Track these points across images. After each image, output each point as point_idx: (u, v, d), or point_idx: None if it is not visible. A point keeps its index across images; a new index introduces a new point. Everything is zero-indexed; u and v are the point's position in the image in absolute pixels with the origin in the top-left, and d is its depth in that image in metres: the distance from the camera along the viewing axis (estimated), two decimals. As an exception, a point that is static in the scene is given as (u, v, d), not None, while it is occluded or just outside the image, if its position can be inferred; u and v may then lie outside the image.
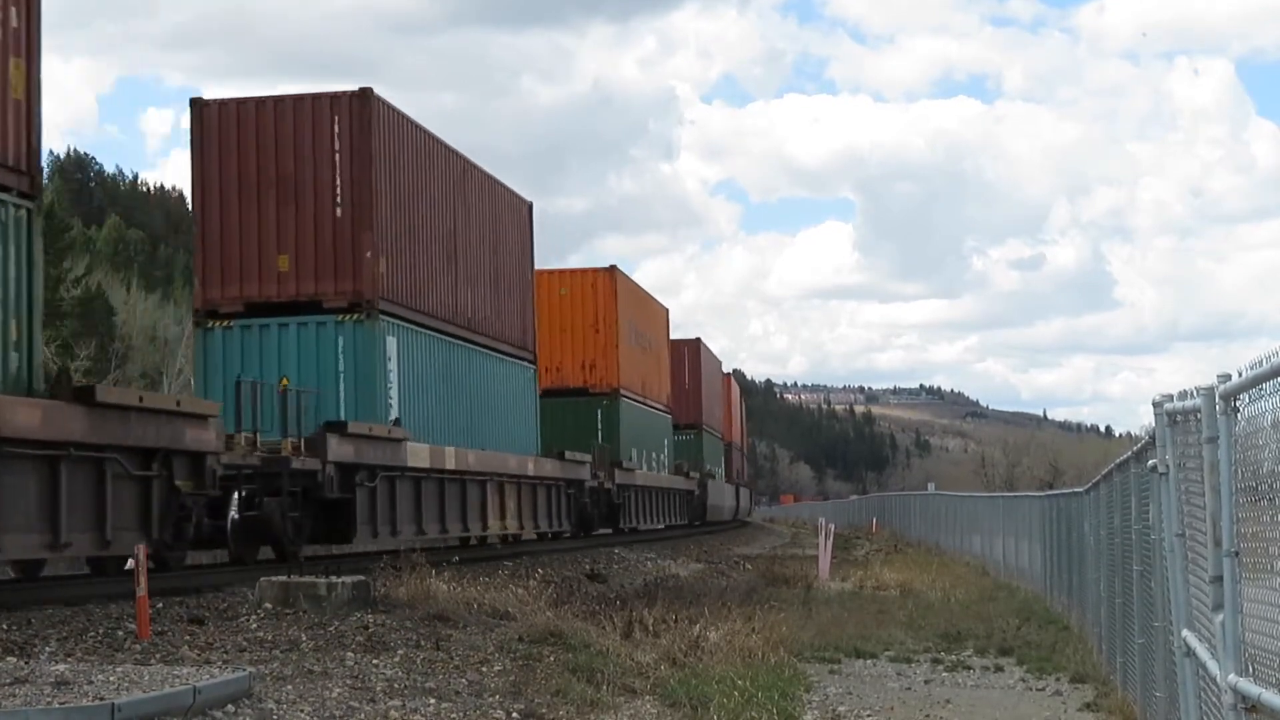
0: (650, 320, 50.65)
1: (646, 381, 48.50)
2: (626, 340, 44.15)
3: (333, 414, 24.26)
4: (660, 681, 13.62)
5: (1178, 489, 8.04)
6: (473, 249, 31.75)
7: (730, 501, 72.42)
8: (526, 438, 34.28)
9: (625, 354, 43.82)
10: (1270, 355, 5.43)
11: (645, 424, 47.68)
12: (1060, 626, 20.01)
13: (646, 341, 48.81)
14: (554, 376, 41.42)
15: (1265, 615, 5.72)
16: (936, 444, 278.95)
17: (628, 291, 46.12)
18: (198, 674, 10.76)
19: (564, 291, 42.69)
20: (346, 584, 16.32)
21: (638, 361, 46.71)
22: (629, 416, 44.16)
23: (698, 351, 63.11)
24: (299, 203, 25.61)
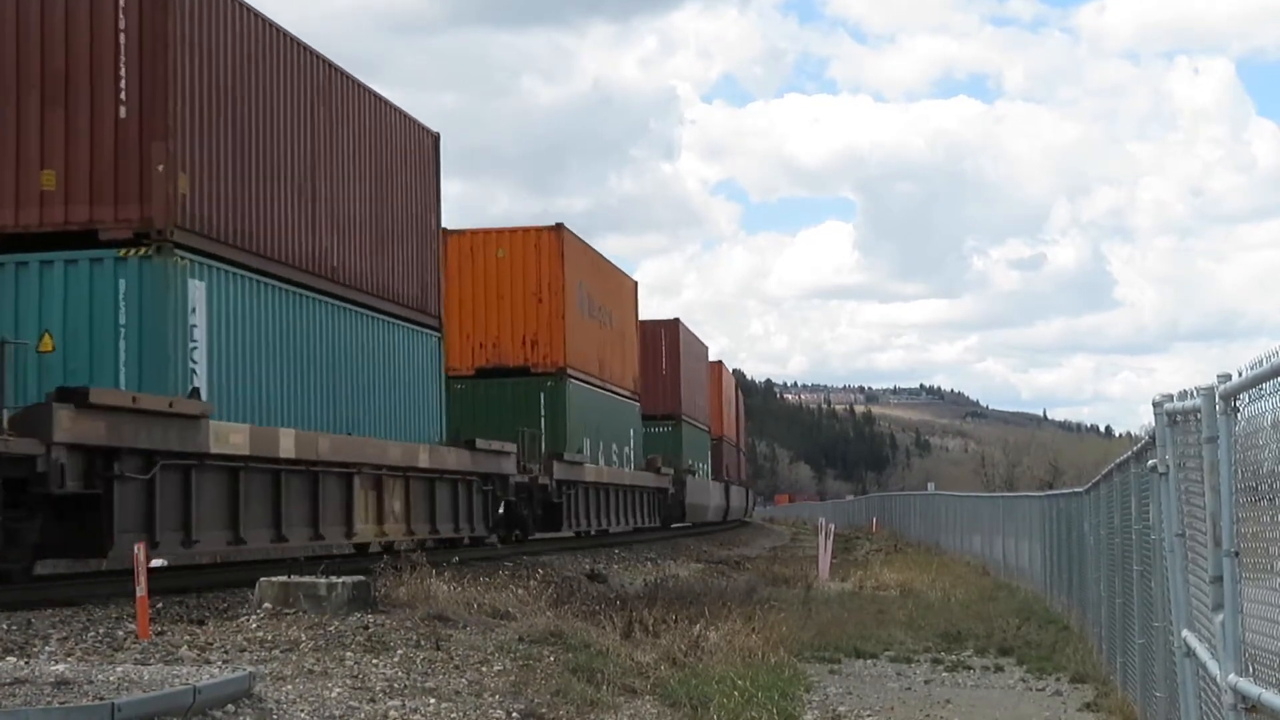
0: (612, 292, 43.71)
1: (605, 362, 41.73)
2: (577, 312, 37.96)
3: (110, 381, 18.46)
4: (660, 681, 13.62)
5: (1178, 489, 8.04)
6: (343, 182, 24.43)
7: (717, 501, 65.12)
8: (424, 423, 27.47)
9: (575, 328, 37.60)
10: (1270, 355, 5.43)
11: (602, 411, 40.99)
12: (1060, 626, 20.02)
13: (606, 316, 42.07)
14: (490, 353, 36.07)
15: (1265, 615, 5.72)
16: (936, 444, 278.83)
17: (579, 255, 39.14)
18: (197, 674, 10.76)
19: (502, 253, 36.41)
20: (346, 584, 16.32)
21: (592, 338, 40.08)
22: (579, 401, 37.69)
23: (676, 334, 56.11)
24: (70, 102, 19.27)
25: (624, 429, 44.44)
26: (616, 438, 42.88)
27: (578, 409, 37.44)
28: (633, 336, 47.20)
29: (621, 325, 44.85)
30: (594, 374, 39.81)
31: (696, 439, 59.64)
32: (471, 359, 35.80)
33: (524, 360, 36.21)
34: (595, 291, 40.65)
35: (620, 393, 43.92)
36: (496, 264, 36.42)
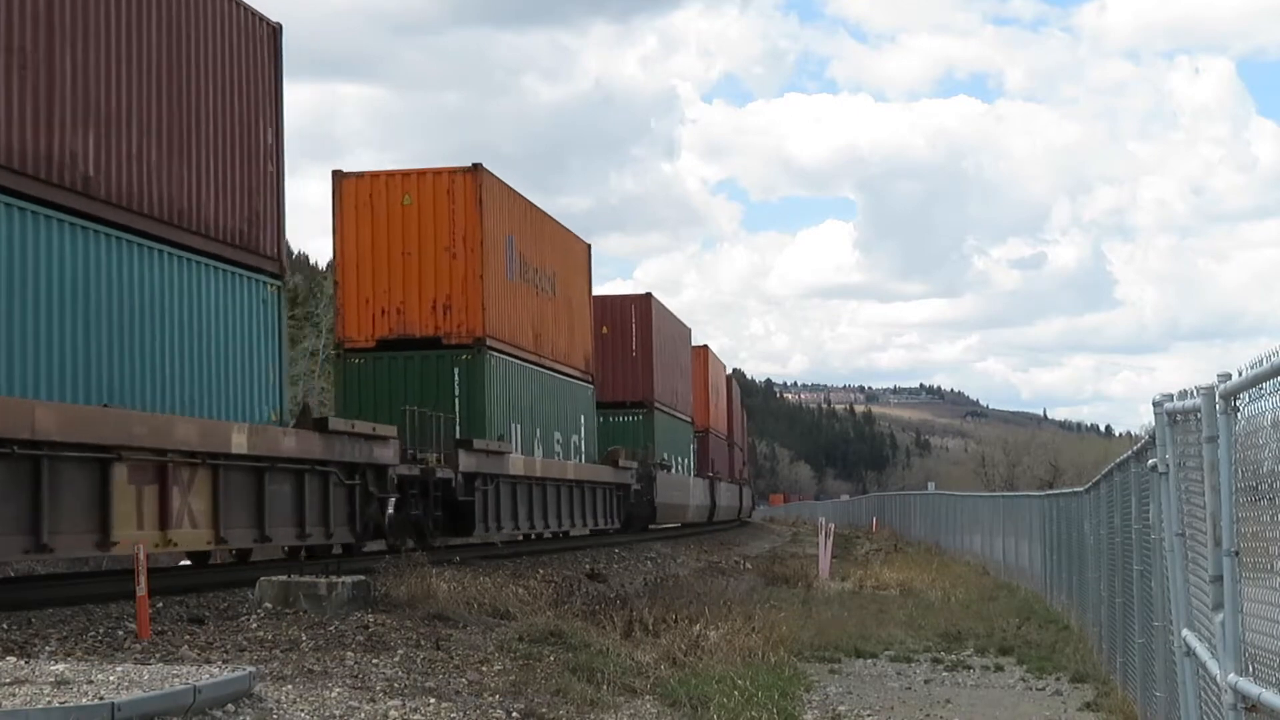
0: (555, 254, 36.70)
1: (545, 336, 35.07)
2: (503, 273, 31.58)
3: None
4: (660, 681, 13.62)
5: (1178, 488, 8.04)
6: (107, 63, 17.84)
7: (702, 500, 58.16)
8: (250, 396, 20.87)
9: (500, 292, 31.19)
10: (1270, 355, 5.43)
11: (539, 393, 34.34)
12: (1060, 626, 20.02)
13: (545, 282, 35.27)
14: (394, 322, 30.03)
15: (1265, 615, 5.72)
16: (936, 443, 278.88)
17: (506, 204, 32.25)
18: (198, 673, 10.75)
19: (408, 201, 30.20)
20: (346, 584, 16.31)
21: (525, 306, 33.39)
22: (504, 379, 31.39)
23: (649, 311, 48.88)
24: None
25: (571, 415, 37.36)
26: (560, 425, 36.11)
27: (502, 388, 31.09)
28: (584, 308, 39.96)
29: (569, 294, 37.81)
30: (526, 348, 33.21)
31: (674, 430, 53.15)
32: (371, 328, 29.96)
33: (434, 329, 29.93)
34: (531, 251, 34.02)
35: (566, 373, 37.01)
36: (402, 214, 30.21)
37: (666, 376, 51.71)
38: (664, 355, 51.12)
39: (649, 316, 49.00)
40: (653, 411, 48.53)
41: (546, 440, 34.67)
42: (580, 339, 39.22)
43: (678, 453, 53.74)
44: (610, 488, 40.26)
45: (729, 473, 72.63)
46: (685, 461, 55.68)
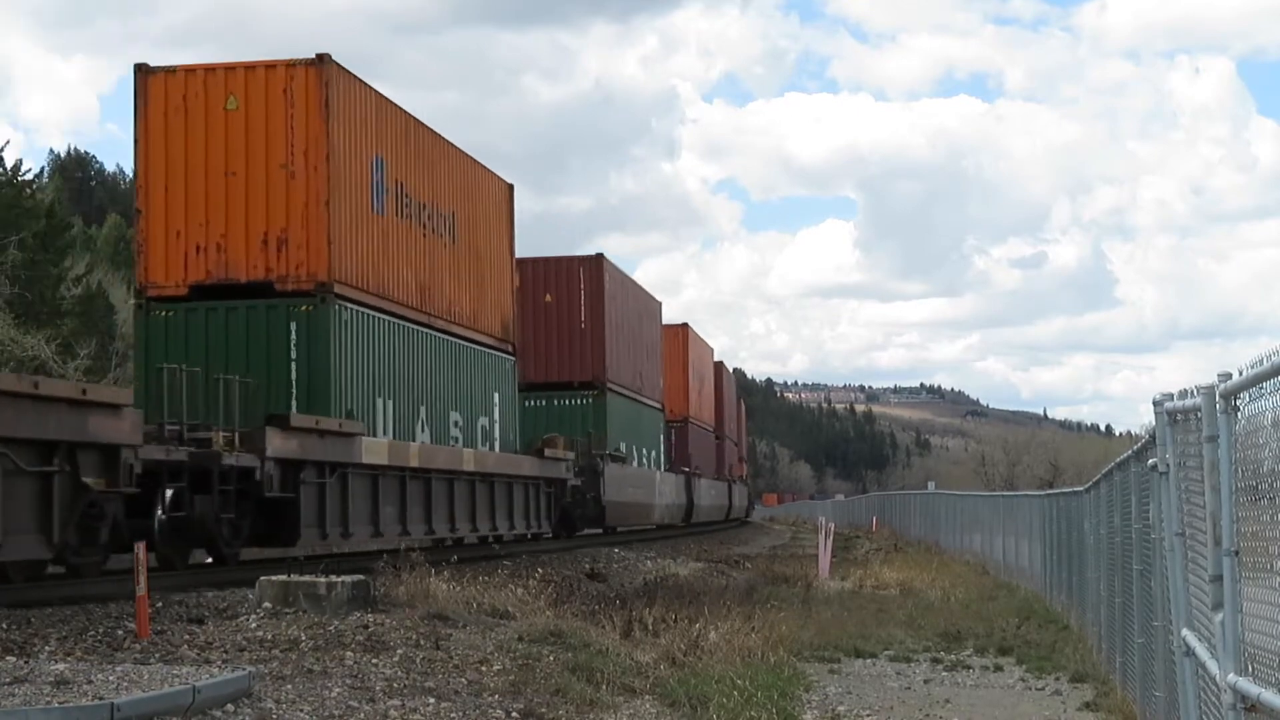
0: (454, 188, 29.01)
1: (434, 289, 27.49)
2: (364, 200, 24.44)
3: None
4: (660, 681, 13.62)
5: (1178, 488, 8.03)
6: None
7: (674, 498, 51.19)
8: None
9: (357, 225, 24.11)
10: (1270, 354, 5.42)
11: (427, 361, 27.04)
12: (1060, 626, 20.02)
13: (438, 222, 27.95)
14: (213, 262, 23.28)
15: (1265, 615, 5.72)
16: (937, 443, 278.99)
17: (369, 113, 25.03)
18: (197, 673, 10.75)
19: (233, 104, 23.36)
20: (346, 583, 16.31)
21: (401, 248, 25.96)
22: (362, 337, 24.24)
23: (600, 276, 41.33)
24: None
25: (479, 393, 30.00)
26: (462, 405, 28.83)
27: (359, 350, 24.05)
28: (503, 263, 32.33)
29: (477, 242, 30.32)
30: (405, 303, 26.05)
31: (636, 418, 46.07)
32: (184, 271, 23.29)
33: (264, 272, 23.24)
34: (419, 182, 26.95)
35: (473, 339, 29.73)
36: (225, 121, 23.34)
37: (626, 354, 44.42)
38: (622, 330, 43.93)
39: (600, 283, 41.25)
40: (605, 394, 40.87)
41: (438, 422, 27.39)
42: (496, 300, 31.31)
43: (642, 444, 46.87)
44: (534, 483, 32.40)
45: (716, 469, 66.55)
46: (652, 454, 48.70)
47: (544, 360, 40.22)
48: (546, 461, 33.50)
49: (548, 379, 40.25)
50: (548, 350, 40.69)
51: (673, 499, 51.29)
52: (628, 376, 44.85)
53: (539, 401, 38.93)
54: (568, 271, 41.70)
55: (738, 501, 74.04)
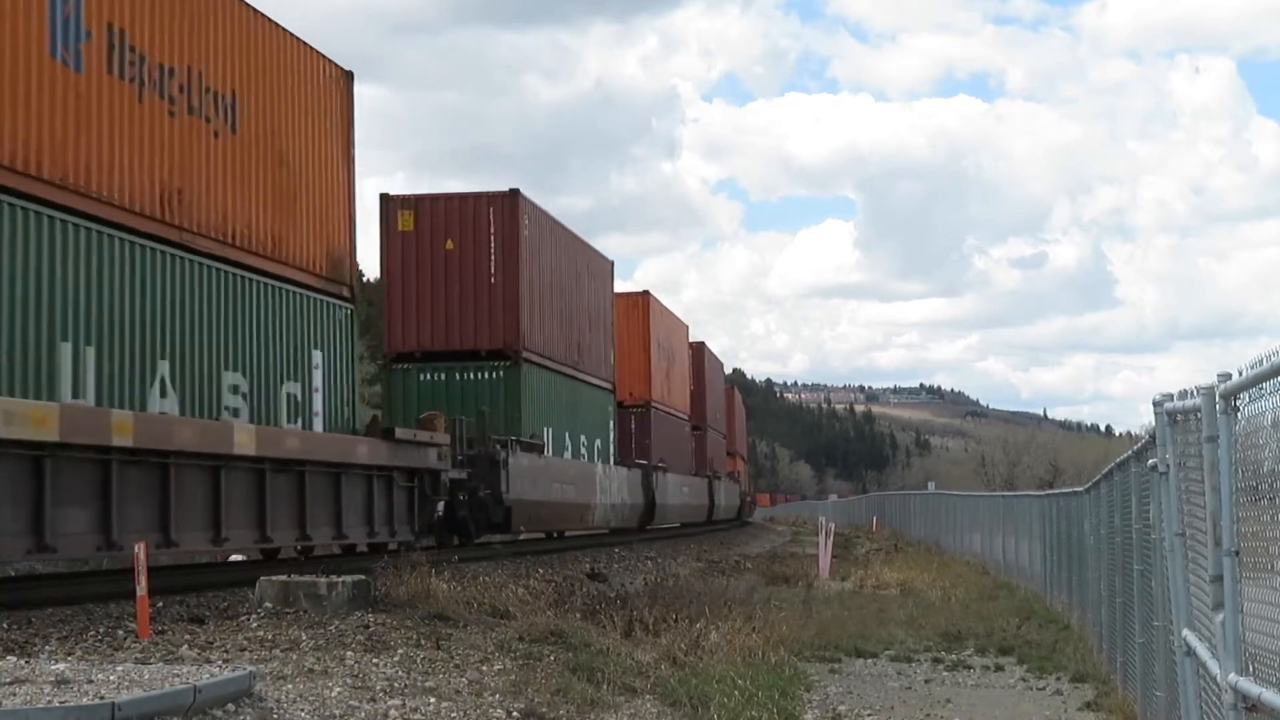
0: (232, 54, 21.28)
1: (186, 192, 19.72)
2: (16, 32, 16.34)
3: None
4: (660, 681, 13.62)
5: (1178, 488, 8.04)
6: None
7: (627, 497, 42.50)
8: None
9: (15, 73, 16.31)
10: (1270, 354, 5.43)
11: (153, 290, 18.97)
12: (1060, 626, 20.02)
13: (190, 92, 20.01)
14: None
15: (1265, 614, 5.72)
16: (936, 443, 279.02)
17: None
18: (198, 673, 10.75)
19: None
20: (347, 583, 16.33)
21: (105, 114, 18.03)
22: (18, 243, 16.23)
23: (513, 219, 32.73)
24: None
25: (287, 349, 22.37)
26: (249, 363, 21.29)
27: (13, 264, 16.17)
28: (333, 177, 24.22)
29: (286, 144, 22.68)
30: (128, 206, 18.42)
31: (571, 399, 37.75)
32: None
33: None
34: (159, 37, 19.33)
35: (278, 276, 22.26)
36: None
37: (554, 319, 36.18)
38: (549, 288, 35.63)
39: (514, 226, 32.85)
40: (519, 365, 32.73)
41: (197, 386, 19.88)
42: (319, 225, 23.62)
43: (580, 430, 38.63)
44: (382, 476, 24.14)
45: (694, 463, 57.88)
46: (596, 443, 40.50)
47: (443, 323, 32.58)
48: (401, 447, 24.61)
49: (448, 346, 32.50)
50: (448, 310, 32.62)
51: (623, 498, 42.00)
52: (557, 346, 36.29)
53: (436, 375, 32.48)
54: (473, 212, 33.00)
55: (724, 501, 64.68)
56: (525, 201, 33.65)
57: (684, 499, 52.56)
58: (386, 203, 33.13)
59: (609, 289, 43.50)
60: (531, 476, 32.03)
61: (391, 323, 33.02)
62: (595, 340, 40.88)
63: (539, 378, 34.46)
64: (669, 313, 54.73)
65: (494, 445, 30.02)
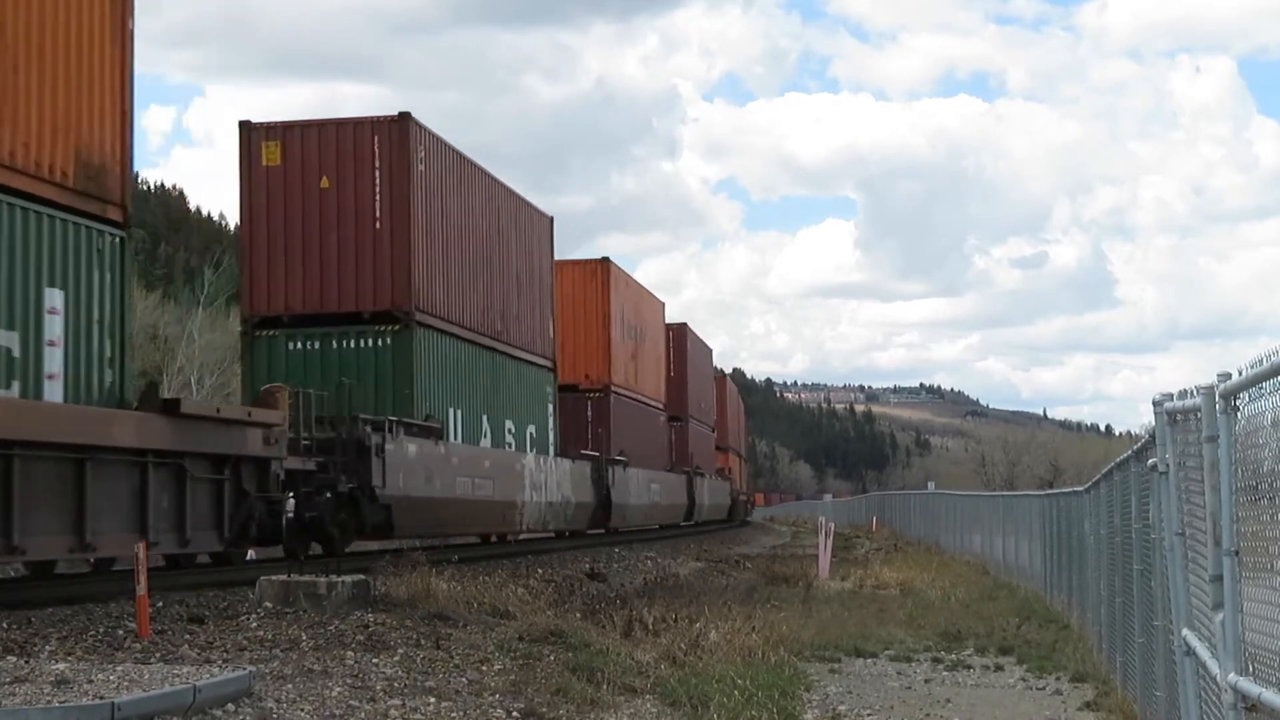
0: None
1: None
2: None
3: None
4: (660, 680, 13.62)
5: (1178, 488, 8.03)
6: None
7: (569, 495, 36.17)
8: None
9: None
10: (1270, 354, 5.42)
11: None
12: (1060, 626, 20.02)
13: None
14: None
15: (1265, 614, 5.72)
16: (937, 443, 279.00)
17: None
18: (198, 673, 10.75)
19: None
20: (346, 583, 16.33)
21: None
22: None
23: (403, 147, 26.87)
24: None
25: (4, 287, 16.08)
26: None
27: None
28: (94, 48, 17.91)
29: None
30: None
31: (493, 375, 31.49)
32: None
33: None
34: None
35: None
36: None
37: (464, 277, 29.65)
38: (456, 239, 29.33)
39: (406, 160, 26.73)
40: (411, 330, 26.59)
41: None
42: (72, 118, 17.55)
43: (508, 415, 32.33)
44: (169, 464, 18.50)
45: (672, 459, 52.17)
46: (530, 430, 34.06)
47: (316, 279, 26.63)
48: (195, 426, 18.88)
49: (322, 308, 26.61)
50: (323, 264, 26.65)
51: (564, 495, 35.77)
52: (470, 311, 30.06)
53: (309, 344, 26.47)
54: (354, 142, 26.83)
55: (709, 500, 59.02)
56: (420, 129, 27.16)
57: (652, 498, 46.16)
58: (247, 132, 26.92)
59: (547, 249, 36.39)
60: (423, 468, 25.89)
61: (254, 280, 26.79)
62: (527, 308, 34.16)
63: (440, 347, 28.12)
64: (637, 285, 47.70)
65: (363, 428, 23.91)
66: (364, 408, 24.97)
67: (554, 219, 37.15)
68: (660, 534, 47.51)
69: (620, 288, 44.44)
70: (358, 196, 26.75)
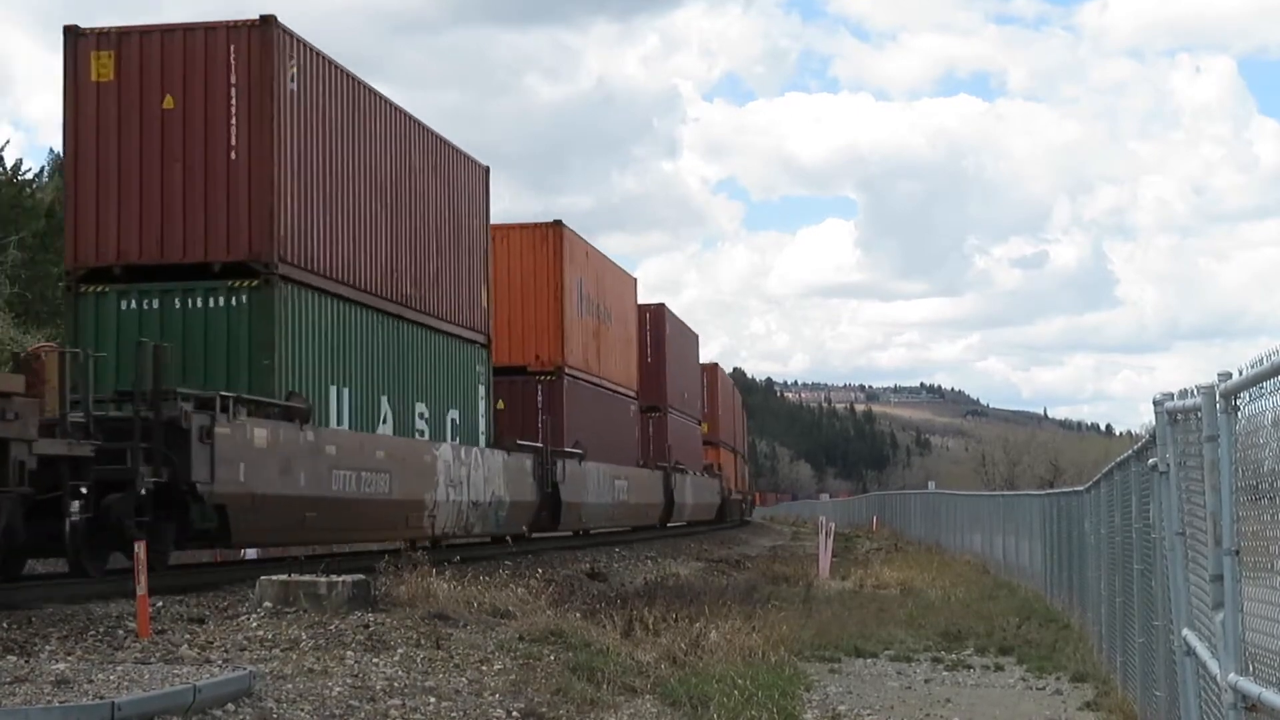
0: None
1: None
2: None
3: None
4: (660, 680, 13.62)
5: (1178, 487, 8.03)
6: None
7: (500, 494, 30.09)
8: None
9: None
10: (1271, 354, 5.42)
11: None
12: (1060, 625, 20.02)
13: None
14: None
15: (1265, 614, 5.72)
16: (937, 442, 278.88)
17: None
18: (198, 673, 10.76)
19: None
20: (346, 583, 16.33)
21: None
22: None
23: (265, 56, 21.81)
24: None
25: None
26: None
27: None
28: None
29: None
30: None
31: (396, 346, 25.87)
32: None
33: None
34: None
35: None
36: None
37: (355, 226, 24.18)
38: (343, 178, 23.93)
39: (269, 75, 21.67)
40: (272, 286, 21.47)
41: None
42: None
43: (417, 395, 26.60)
44: None
45: (646, 453, 47.00)
46: (451, 417, 28.21)
47: (156, 222, 21.66)
48: None
49: (163, 258, 21.63)
50: (165, 203, 21.65)
51: (495, 494, 29.65)
52: (367, 269, 24.50)
53: (146, 302, 21.51)
54: (205, 53, 21.82)
55: (692, 499, 53.27)
56: (290, 38, 22.24)
57: (618, 496, 40.33)
58: (74, 40, 21.80)
59: (481, 205, 30.90)
60: (278, 458, 20.65)
61: (79, 223, 21.67)
62: (451, 271, 28.54)
63: (314, 309, 22.78)
64: (601, 257, 41.90)
65: (179, 405, 18.63)
66: (206, 382, 20.29)
67: (489, 169, 31.25)
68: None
69: (577, 256, 38.25)
70: (209, 119, 21.56)
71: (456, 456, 27.59)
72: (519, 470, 31.55)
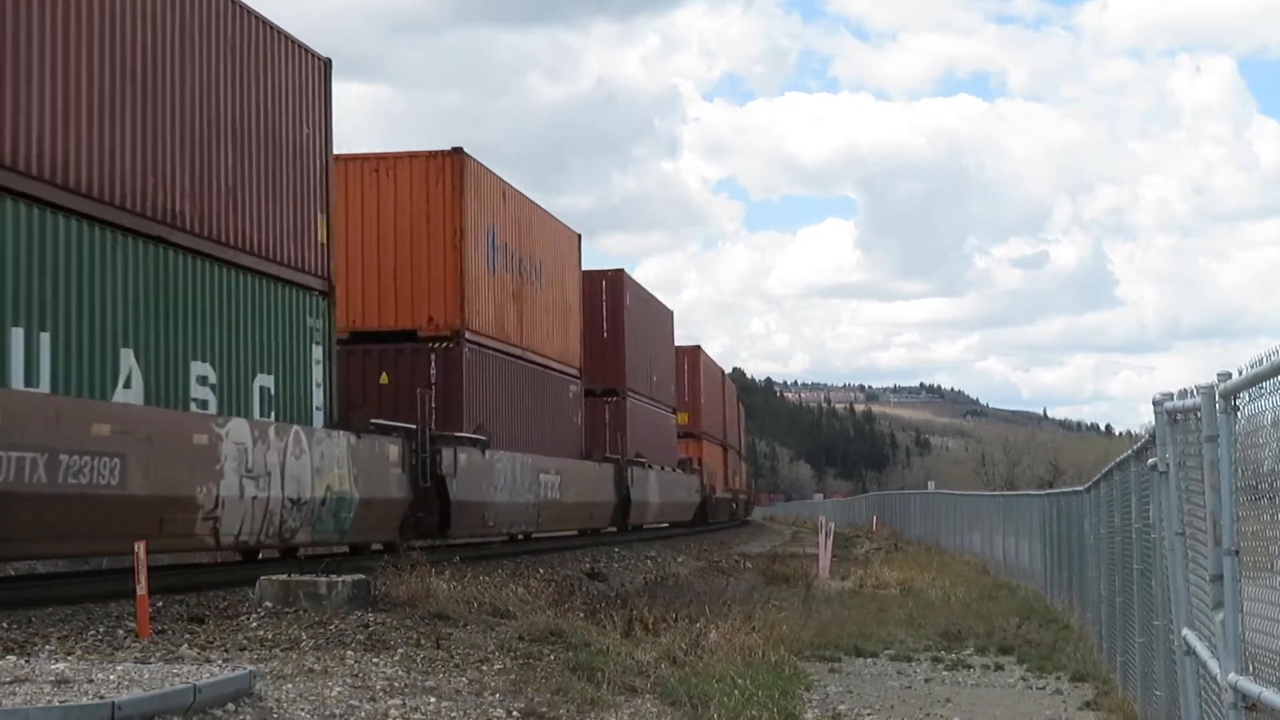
0: None
1: None
2: None
3: None
4: (661, 680, 13.62)
5: (1178, 487, 8.04)
6: None
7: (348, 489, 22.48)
8: None
9: None
10: (1270, 354, 5.43)
11: None
12: (1060, 625, 20.03)
13: None
14: None
15: (1265, 614, 5.72)
16: (937, 443, 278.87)
17: None
18: (198, 672, 10.75)
19: None
20: (346, 583, 16.34)
21: None
22: None
23: None
24: None
25: None
26: None
27: None
28: None
29: None
30: None
31: (160, 288, 18.57)
32: None
33: None
34: None
35: None
36: None
37: (56, 94, 16.69)
38: (63, 36, 16.84)
39: None
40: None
41: None
42: None
43: (190, 354, 19.22)
44: None
45: (590, 442, 39.30)
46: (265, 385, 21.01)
47: None
48: None
49: None
50: None
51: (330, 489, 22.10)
52: (84, 161, 17.26)
53: None
54: None
55: (658, 497, 46.25)
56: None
57: (543, 493, 32.88)
58: None
59: (318, 110, 23.74)
60: None
61: None
62: (265, 190, 21.62)
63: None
64: (528, 203, 34.26)
65: None
66: None
67: (331, 62, 24.15)
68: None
69: (488, 195, 30.71)
70: None
71: (262, 439, 20.09)
72: (377, 458, 23.92)
